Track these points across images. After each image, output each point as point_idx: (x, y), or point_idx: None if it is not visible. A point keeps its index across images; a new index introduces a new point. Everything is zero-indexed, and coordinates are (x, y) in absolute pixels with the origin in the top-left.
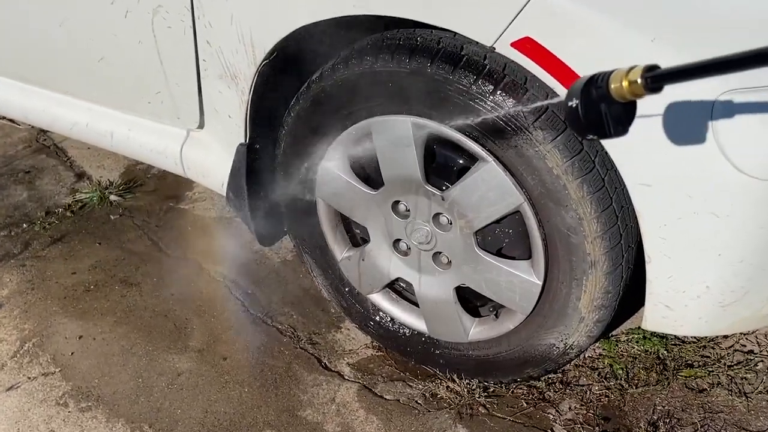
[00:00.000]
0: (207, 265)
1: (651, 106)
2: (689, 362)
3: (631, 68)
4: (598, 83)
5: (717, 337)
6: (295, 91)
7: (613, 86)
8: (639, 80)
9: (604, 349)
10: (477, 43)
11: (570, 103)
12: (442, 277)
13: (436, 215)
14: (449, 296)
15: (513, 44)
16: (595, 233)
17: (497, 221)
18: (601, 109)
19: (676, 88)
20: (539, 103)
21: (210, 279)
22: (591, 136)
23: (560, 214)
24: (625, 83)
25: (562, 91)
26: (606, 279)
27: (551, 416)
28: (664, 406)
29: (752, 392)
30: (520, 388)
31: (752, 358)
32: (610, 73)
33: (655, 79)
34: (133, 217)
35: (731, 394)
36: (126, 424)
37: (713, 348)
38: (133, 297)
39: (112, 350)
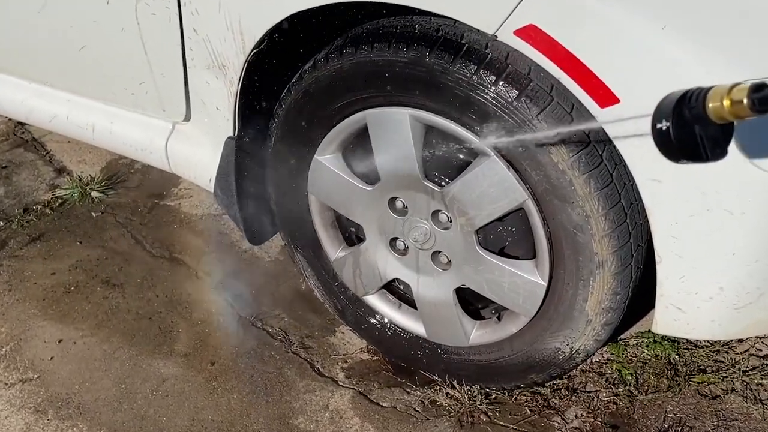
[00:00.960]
0: (194, 265)
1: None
2: (702, 367)
3: (734, 86)
4: (691, 102)
5: (731, 341)
6: (286, 82)
7: (711, 105)
8: (745, 101)
9: (612, 354)
10: (478, 31)
11: (659, 126)
12: (441, 278)
13: (435, 212)
14: (449, 298)
15: (516, 32)
16: (603, 231)
17: (500, 219)
18: (695, 131)
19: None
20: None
21: (197, 280)
22: (685, 161)
23: (566, 212)
24: (726, 102)
25: (567, 82)
26: (614, 280)
27: (556, 424)
28: (675, 414)
29: None
30: (524, 395)
31: None
32: (707, 90)
33: (765, 100)
34: (115, 215)
35: (746, 401)
36: None
37: (727, 352)
38: (115, 299)
39: (93, 355)
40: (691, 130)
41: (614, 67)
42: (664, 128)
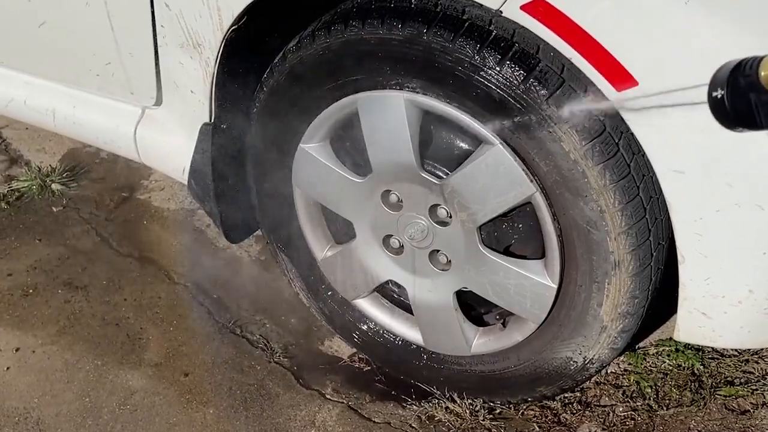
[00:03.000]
0: (165, 265)
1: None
2: (729, 379)
3: None
4: (745, 71)
5: (761, 349)
6: (268, 63)
7: (763, 74)
8: None
9: (629, 364)
10: (481, 6)
11: (714, 94)
12: (440, 280)
13: (434, 207)
14: (449, 302)
15: (523, 7)
16: (619, 228)
17: (505, 214)
18: (750, 99)
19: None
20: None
21: (169, 281)
22: (741, 129)
23: (578, 206)
24: None
25: (579, 62)
26: (632, 282)
27: None
28: (699, 430)
29: None
30: (532, 410)
31: None
32: (760, 59)
33: None
34: (78, 210)
35: None
36: None
37: (757, 362)
38: (78, 302)
39: (54, 365)
40: (746, 98)
41: (632, 46)
42: (719, 96)
